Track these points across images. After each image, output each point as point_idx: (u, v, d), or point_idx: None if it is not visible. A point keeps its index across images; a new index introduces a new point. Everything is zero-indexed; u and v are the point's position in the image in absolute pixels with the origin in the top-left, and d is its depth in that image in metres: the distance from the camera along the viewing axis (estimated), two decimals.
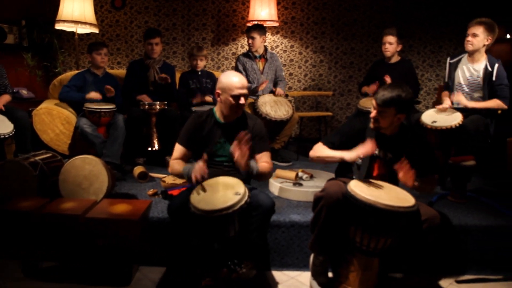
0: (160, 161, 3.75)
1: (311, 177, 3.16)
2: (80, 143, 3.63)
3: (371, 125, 2.23)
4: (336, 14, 5.18)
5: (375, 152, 2.24)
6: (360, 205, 1.93)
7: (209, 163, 2.38)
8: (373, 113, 2.18)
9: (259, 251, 2.48)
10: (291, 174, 3.08)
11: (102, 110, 3.48)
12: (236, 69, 4.22)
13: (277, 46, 5.25)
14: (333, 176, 2.49)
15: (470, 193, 3.06)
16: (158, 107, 3.62)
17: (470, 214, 2.71)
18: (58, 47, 4.94)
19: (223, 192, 2.12)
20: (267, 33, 4.95)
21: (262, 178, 2.41)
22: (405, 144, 2.23)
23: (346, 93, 5.36)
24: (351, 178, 2.22)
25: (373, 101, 2.18)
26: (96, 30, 4.47)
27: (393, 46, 3.80)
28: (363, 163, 2.25)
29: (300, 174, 3.14)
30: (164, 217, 2.51)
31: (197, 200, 2.08)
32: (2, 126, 3.18)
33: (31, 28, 4.72)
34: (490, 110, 3.16)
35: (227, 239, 2.17)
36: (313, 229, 2.21)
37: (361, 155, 2.12)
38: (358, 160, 2.29)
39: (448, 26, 5.07)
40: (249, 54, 4.19)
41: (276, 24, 4.99)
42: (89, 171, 2.67)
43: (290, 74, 5.32)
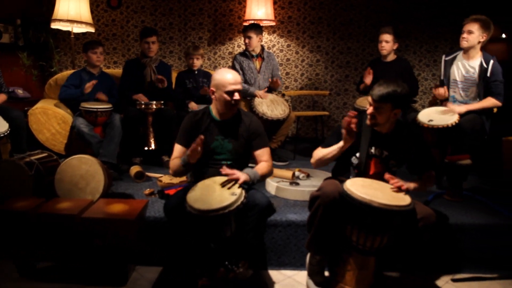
0: (157, 161, 3.76)
1: (308, 177, 3.16)
2: (77, 143, 3.63)
3: (368, 122, 2.23)
4: (333, 14, 5.19)
5: (371, 151, 2.26)
6: (356, 204, 1.93)
7: (208, 162, 2.38)
8: (370, 110, 2.18)
9: (256, 251, 2.49)
10: (288, 174, 3.08)
11: (99, 110, 3.47)
12: (233, 68, 4.21)
13: (274, 46, 5.26)
14: (330, 176, 2.49)
15: (466, 192, 3.07)
16: (155, 107, 3.62)
17: (466, 213, 2.72)
18: (54, 47, 4.92)
19: (220, 192, 2.12)
20: (264, 33, 4.95)
21: (264, 179, 2.41)
22: (401, 142, 2.24)
23: (343, 93, 5.37)
24: (348, 177, 2.23)
25: (369, 98, 2.19)
26: (92, 30, 4.46)
27: (390, 45, 3.81)
28: (360, 162, 2.26)
29: (297, 174, 3.14)
30: (161, 217, 2.50)
31: (193, 200, 2.08)
32: None
33: (27, 27, 4.69)
34: (486, 109, 3.17)
35: (224, 239, 2.17)
36: (310, 229, 2.21)
37: (351, 127, 2.08)
38: (355, 160, 2.30)
39: (444, 26, 5.09)
40: (246, 53, 4.19)
41: (273, 24, 4.99)
42: (86, 171, 2.66)
43: (287, 74, 5.32)
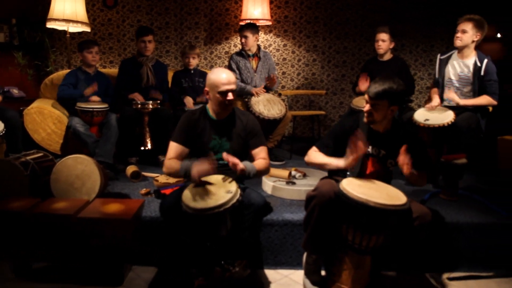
0: (153, 161, 3.75)
1: (304, 176, 3.16)
2: (73, 143, 3.61)
3: (365, 119, 2.23)
4: (329, 13, 5.19)
5: (368, 150, 2.26)
6: (352, 204, 1.94)
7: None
8: (367, 107, 2.19)
9: (252, 250, 2.49)
10: (284, 173, 3.08)
11: (95, 110, 3.46)
12: (229, 68, 4.22)
13: (270, 45, 5.25)
14: (326, 175, 2.49)
15: (462, 191, 3.08)
16: (151, 106, 3.61)
17: (462, 212, 2.73)
18: (50, 46, 4.90)
19: (215, 190, 2.11)
20: (260, 32, 4.95)
21: (261, 176, 2.41)
22: (398, 141, 2.24)
23: (339, 92, 5.37)
24: (344, 177, 2.23)
25: (366, 96, 2.19)
26: (88, 29, 4.44)
27: (386, 44, 3.81)
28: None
29: (293, 173, 3.14)
30: (157, 217, 2.50)
31: (189, 199, 2.07)
32: None
33: (22, 27, 4.67)
34: (481, 107, 3.19)
35: (220, 238, 2.17)
36: (306, 228, 2.21)
37: (357, 158, 2.09)
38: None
39: (440, 25, 5.10)
40: (242, 53, 4.18)
41: (269, 23, 4.99)
42: (81, 171, 2.65)
43: (283, 73, 5.32)
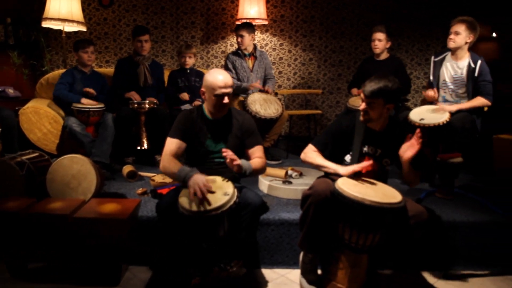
0: (149, 160, 3.75)
1: (301, 175, 3.17)
2: (69, 143, 3.60)
3: (361, 118, 2.24)
4: (325, 13, 5.20)
5: (364, 149, 2.27)
6: (348, 202, 1.94)
7: (201, 161, 2.38)
8: (362, 106, 2.20)
9: (249, 250, 2.49)
10: (281, 172, 3.08)
11: (91, 110, 3.46)
12: (226, 67, 4.22)
13: (267, 44, 5.25)
14: (323, 174, 2.49)
15: (458, 190, 3.10)
16: (147, 106, 3.60)
17: (458, 211, 2.74)
18: (45, 46, 4.88)
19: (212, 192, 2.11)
20: (256, 31, 4.96)
21: (257, 174, 2.41)
22: (394, 140, 2.25)
23: (335, 91, 5.38)
24: (340, 176, 2.23)
25: (362, 94, 2.20)
26: (84, 28, 4.42)
27: (382, 43, 3.82)
28: (353, 160, 2.27)
29: (290, 172, 3.14)
30: (154, 216, 2.49)
31: (186, 201, 2.06)
32: None
33: (17, 26, 4.64)
34: (476, 109, 3.21)
35: (217, 239, 2.16)
36: (302, 227, 2.22)
37: (357, 170, 2.11)
38: (348, 158, 2.30)
39: (436, 25, 5.12)
40: (239, 52, 4.18)
41: (265, 22, 4.99)
42: (77, 171, 2.64)
43: (280, 72, 5.32)
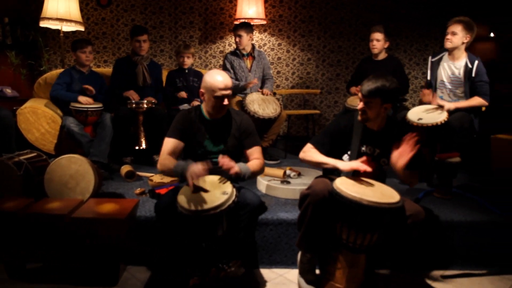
0: (148, 160, 3.74)
1: (299, 175, 3.17)
2: (67, 142, 3.59)
3: (359, 117, 2.24)
4: (323, 12, 5.20)
5: (362, 149, 2.27)
6: (346, 202, 1.94)
7: (198, 160, 2.37)
8: (360, 105, 2.21)
9: (247, 250, 2.49)
10: (279, 172, 3.08)
11: (89, 109, 3.45)
12: (224, 67, 4.22)
13: (265, 44, 5.25)
14: (321, 174, 2.49)
15: (456, 189, 3.10)
16: (146, 106, 3.60)
17: (456, 210, 2.74)
18: (43, 45, 4.87)
19: (211, 192, 2.11)
20: (255, 31, 4.96)
21: (255, 176, 2.41)
22: (392, 139, 2.25)
23: (334, 91, 5.38)
24: (339, 176, 2.24)
25: (359, 94, 2.20)
26: (82, 28, 4.41)
27: (381, 43, 3.82)
28: (351, 160, 2.26)
29: (288, 172, 3.14)
30: (152, 216, 2.49)
31: (185, 200, 2.06)
32: None
33: (15, 26, 4.63)
34: (474, 108, 3.22)
35: (215, 238, 2.16)
36: (300, 227, 2.22)
37: (355, 168, 2.11)
38: (346, 158, 2.31)
39: (434, 25, 5.13)
40: (237, 52, 4.18)
41: (264, 22, 4.99)
42: (75, 171, 2.64)
43: (278, 72, 5.32)
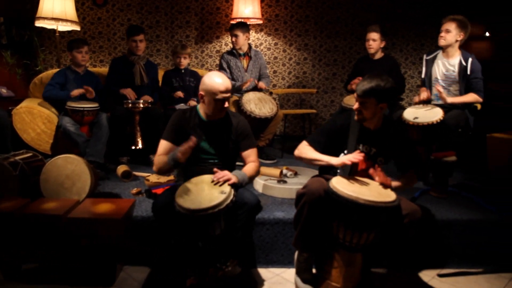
0: (144, 160, 3.73)
1: (296, 174, 3.17)
2: (63, 142, 3.58)
3: (355, 117, 2.25)
4: (320, 12, 5.21)
5: (359, 148, 2.27)
6: (342, 201, 1.94)
7: (196, 162, 2.38)
8: (356, 105, 2.21)
9: (245, 249, 2.49)
10: (276, 172, 3.09)
11: (85, 109, 3.44)
12: (220, 67, 4.21)
13: (261, 44, 5.25)
14: (317, 173, 2.50)
15: (452, 188, 3.12)
16: (142, 106, 3.59)
17: (452, 209, 2.76)
18: (39, 45, 4.85)
19: (209, 191, 2.11)
20: (251, 31, 4.95)
21: (252, 180, 2.41)
22: (389, 139, 2.26)
23: (330, 91, 5.39)
24: (335, 175, 2.24)
25: (355, 94, 2.21)
26: (78, 28, 4.40)
27: (377, 43, 3.82)
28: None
29: (285, 172, 3.15)
30: (148, 216, 2.49)
31: (183, 199, 2.06)
32: None
33: (10, 25, 4.61)
34: (469, 104, 3.25)
35: (213, 238, 2.16)
36: (296, 226, 2.22)
37: (348, 162, 2.12)
38: (342, 156, 2.31)
39: (430, 24, 5.14)
40: (233, 52, 4.18)
41: (260, 22, 4.99)
42: (72, 171, 2.63)
43: (274, 72, 5.32)
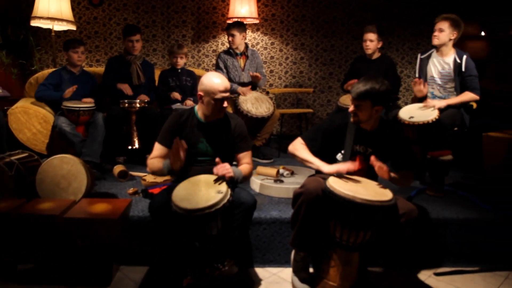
0: (141, 160, 3.72)
1: (292, 174, 3.18)
2: (58, 142, 3.57)
3: (351, 120, 2.25)
4: (316, 12, 5.21)
5: (356, 148, 2.28)
6: (339, 201, 1.95)
7: (192, 162, 2.37)
8: (351, 108, 2.21)
9: (241, 249, 2.49)
10: (272, 171, 3.09)
11: (81, 109, 3.43)
12: (217, 67, 4.21)
13: (258, 43, 5.25)
14: (314, 173, 2.50)
15: (448, 187, 3.13)
16: (138, 105, 3.58)
17: (448, 208, 2.77)
18: (34, 45, 4.83)
19: (206, 191, 2.10)
20: (248, 30, 4.95)
21: (244, 181, 2.41)
22: (385, 139, 2.26)
23: (327, 90, 5.40)
24: (324, 173, 2.24)
25: (350, 96, 2.21)
26: (74, 27, 4.38)
27: (374, 43, 3.82)
28: (344, 159, 2.27)
29: (281, 171, 3.15)
30: (145, 216, 2.49)
31: (179, 199, 2.06)
32: None
33: (5, 25, 4.58)
34: (464, 103, 3.26)
35: (209, 237, 2.16)
36: (293, 226, 2.22)
37: (342, 172, 2.12)
38: (339, 156, 2.31)
39: (426, 24, 5.12)
40: (230, 51, 4.17)
41: (256, 21, 4.98)
42: (68, 171, 2.62)
43: (271, 71, 5.33)
